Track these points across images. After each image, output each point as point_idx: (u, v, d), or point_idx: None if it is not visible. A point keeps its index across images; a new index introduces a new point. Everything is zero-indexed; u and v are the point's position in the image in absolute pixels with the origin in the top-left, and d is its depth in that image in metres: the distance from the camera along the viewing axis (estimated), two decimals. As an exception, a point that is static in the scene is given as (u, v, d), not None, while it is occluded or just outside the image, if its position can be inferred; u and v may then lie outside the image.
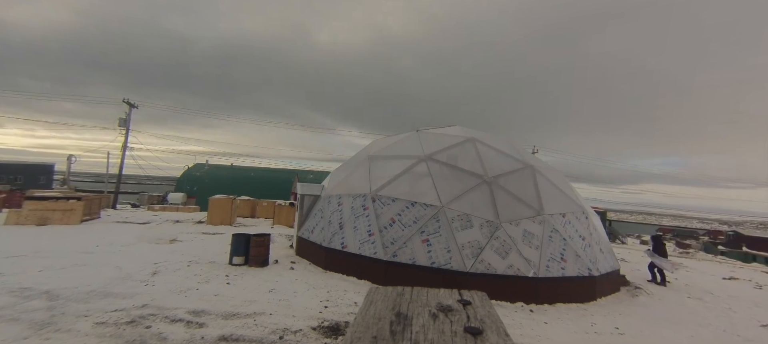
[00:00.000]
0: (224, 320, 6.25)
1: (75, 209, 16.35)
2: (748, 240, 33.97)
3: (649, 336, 7.03)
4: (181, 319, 6.14)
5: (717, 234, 51.82)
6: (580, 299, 8.76)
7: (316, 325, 6.31)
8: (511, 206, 9.58)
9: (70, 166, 37.47)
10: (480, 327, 2.33)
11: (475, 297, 3.02)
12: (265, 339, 5.64)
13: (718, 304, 9.77)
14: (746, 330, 7.77)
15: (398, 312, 2.59)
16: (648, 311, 8.62)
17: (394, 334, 2.23)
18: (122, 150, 31.72)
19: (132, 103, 32.21)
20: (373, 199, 10.07)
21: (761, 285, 13.11)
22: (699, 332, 7.44)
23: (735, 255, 25.83)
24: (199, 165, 42.63)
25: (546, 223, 9.37)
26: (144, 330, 5.66)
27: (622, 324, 7.56)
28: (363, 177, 11.10)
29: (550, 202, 10.00)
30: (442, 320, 2.47)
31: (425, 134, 12.27)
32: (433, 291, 3.12)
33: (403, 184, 10.32)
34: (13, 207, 18.05)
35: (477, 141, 11.40)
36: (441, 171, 10.40)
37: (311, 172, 40.63)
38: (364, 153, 12.81)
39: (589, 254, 9.44)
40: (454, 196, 9.60)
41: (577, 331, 7.05)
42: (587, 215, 10.58)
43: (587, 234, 9.95)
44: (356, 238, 9.73)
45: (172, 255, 10.65)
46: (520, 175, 10.55)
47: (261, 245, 10.13)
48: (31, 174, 40.89)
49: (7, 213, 15.95)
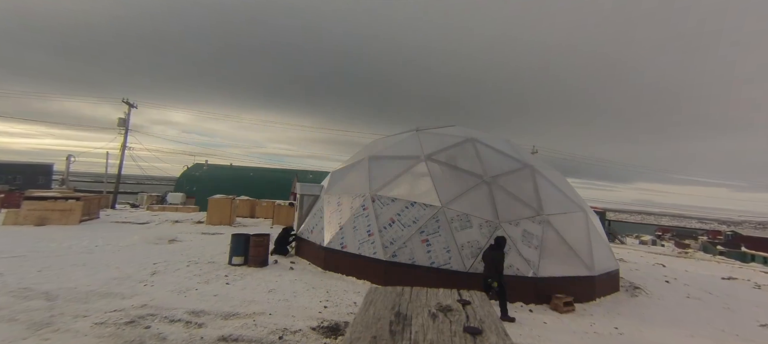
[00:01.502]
0: (224, 320, 6.24)
1: (74, 209, 16.33)
2: (746, 240, 34.06)
3: (649, 336, 7.03)
4: (180, 319, 6.14)
5: (716, 235, 51.90)
6: (579, 299, 8.76)
7: (315, 325, 6.31)
8: (510, 206, 9.59)
9: (68, 165, 37.42)
10: (479, 327, 2.33)
11: (475, 297, 3.02)
12: (265, 340, 5.64)
13: (717, 304, 9.79)
14: (745, 330, 7.79)
15: (398, 312, 2.59)
16: (647, 311, 8.63)
17: (393, 334, 2.23)
18: (121, 150, 31.68)
19: (131, 103, 32.16)
20: (373, 199, 10.07)
21: (760, 285, 13.14)
22: (698, 332, 7.45)
23: (734, 255, 25.87)
24: (198, 165, 42.60)
25: (545, 223, 9.38)
26: (143, 331, 5.65)
27: (621, 324, 7.57)
28: (362, 177, 11.10)
29: (550, 202, 10.00)
30: (442, 320, 2.47)
31: (425, 134, 12.27)
32: (433, 291, 3.13)
33: (403, 184, 10.32)
34: (12, 207, 18.00)
35: (476, 141, 11.40)
36: (440, 171, 10.40)
37: (311, 171, 40.63)
38: (363, 153, 12.81)
39: (588, 254, 9.44)
40: (453, 196, 9.60)
41: (577, 331, 7.06)
42: (586, 215, 10.59)
43: (586, 234, 9.95)
44: (356, 238, 9.73)
45: (172, 256, 10.65)
46: (519, 175, 10.56)
47: (260, 245, 10.13)
48: (29, 175, 40.84)
49: (5, 213, 15.92)
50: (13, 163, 43.60)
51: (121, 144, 31.66)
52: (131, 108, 32.27)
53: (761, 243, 31.42)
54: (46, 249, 10.65)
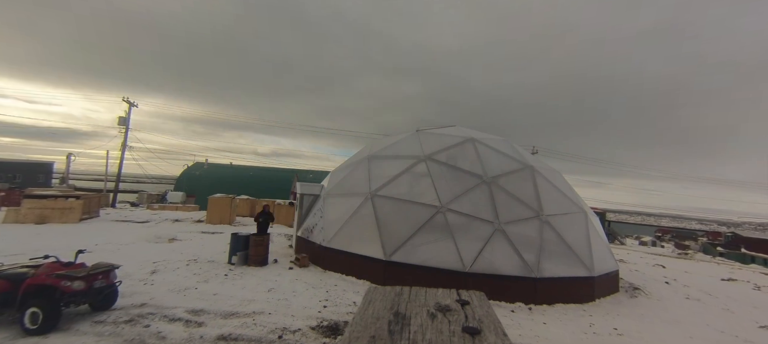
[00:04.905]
0: (223, 319, 6.25)
1: (74, 208, 16.34)
2: (746, 242, 34.06)
3: (648, 337, 7.03)
4: (180, 318, 6.14)
5: (716, 236, 51.92)
6: (578, 299, 8.77)
7: (315, 325, 6.32)
8: (510, 206, 9.58)
9: (69, 164, 37.45)
10: (478, 327, 2.33)
11: (474, 297, 3.02)
12: (264, 339, 5.64)
13: (717, 305, 9.79)
14: (745, 331, 7.78)
15: (396, 312, 2.60)
16: (647, 312, 8.62)
17: (392, 334, 2.23)
18: (121, 149, 31.68)
19: (131, 102, 32.16)
20: (373, 199, 10.07)
21: (760, 287, 13.13)
22: (698, 333, 7.45)
23: (734, 257, 25.87)
24: (198, 164, 42.60)
25: (545, 224, 9.38)
26: (143, 329, 5.66)
27: (620, 324, 7.57)
28: (362, 177, 11.10)
29: (550, 203, 10.00)
30: (441, 320, 2.47)
31: (425, 134, 12.26)
32: (432, 291, 3.13)
33: (403, 184, 10.32)
34: (12, 205, 18.03)
35: (476, 141, 11.40)
36: (440, 171, 10.40)
37: (311, 171, 40.63)
38: (363, 153, 12.81)
39: (588, 255, 9.44)
40: (453, 196, 9.60)
41: (576, 332, 7.06)
42: (586, 215, 10.58)
43: (586, 234, 9.95)
44: (355, 238, 9.72)
45: (171, 255, 10.65)
46: (519, 176, 10.55)
47: (260, 244, 10.13)
48: (29, 173, 40.82)
49: (5, 211, 15.93)
50: (13, 161, 43.57)
51: (122, 142, 31.66)
52: (132, 106, 32.26)
53: (761, 244, 31.43)
54: (45, 248, 10.65)
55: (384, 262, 8.97)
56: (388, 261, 8.93)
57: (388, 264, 8.93)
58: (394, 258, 8.93)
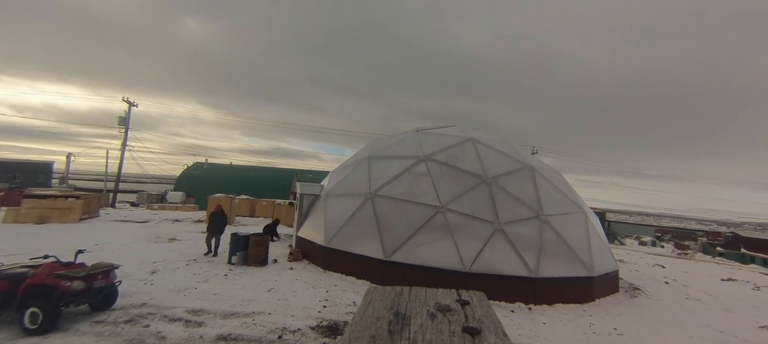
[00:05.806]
0: (223, 319, 6.24)
1: (74, 207, 16.33)
2: (746, 242, 34.07)
3: (648, 337, 7.03)
4: (179, 318, 6.14)
5: (715, 236, 51.91)
6: (578, 299, 8.76)
7: (315, 325, 6.31)
8: (510, 206, 9.59)
9: (68, 164, 37.42)
10: (478, 327, 2.33)
11: (474, 297, 3.02)
12: (264, 339, 5.64)
13: (717, 305, 9.79)
14: (744, 331, 7.78)
15: (396, 312, 2.59)
16: (646, 312, 8.62)
17: (392, 334, 2.23)
18: (121, 148, 31.66)
19: (131, 102, 32.14)
20: (373, 199, 10.07)
21: (759, 287, 13.14)
22: (697, 333, 7.45)
23: (733, 257, 25.89)
24: (198, 164, 42.57)
25: (545, 224, 9.38)
26: (142, 329, 5.66)
27: (620, 324, 7.57)
28: (362, 177, 11.10)
29: (549, 203, 10.00)
30: (441, 320, 2.47)
31: (425, 134, 12.26)
32: (432, 291, 3.13)
33: (403, 184, 10.32)
34: (12, 205, 18.00)
35: (476, 141, 11.40)
36: (440, 171, 10.40)
37: (311, 171, 40.61)
38: (363, 153, 12.80)
39: (588, 255, 9.44)
40: (453, 196, 9.60)
41: (576, 332, 7.06)
42: (586, 216, 10.58)
43: (586, 234, 9.95)
44: (355, 238, 9.72)
45: (171, 254, 10.64)
46: (519, 176, 10.55)
47: (260, 244, 10.13)
48: (29, 173, 40.80)
49: (5, 211, 15.92)
50: (13, 161, 43.57)
51: (121, 142, 31.64)
52: (131, 106, 32.24)
53: (761, 244, 31.44)
54: (45, 248, 10.64)
55: (384, 262, 8.97)
56: (388, 261, 8.93)
57: (388, 264, 8.92)
58: (394, 258, 8.93)
